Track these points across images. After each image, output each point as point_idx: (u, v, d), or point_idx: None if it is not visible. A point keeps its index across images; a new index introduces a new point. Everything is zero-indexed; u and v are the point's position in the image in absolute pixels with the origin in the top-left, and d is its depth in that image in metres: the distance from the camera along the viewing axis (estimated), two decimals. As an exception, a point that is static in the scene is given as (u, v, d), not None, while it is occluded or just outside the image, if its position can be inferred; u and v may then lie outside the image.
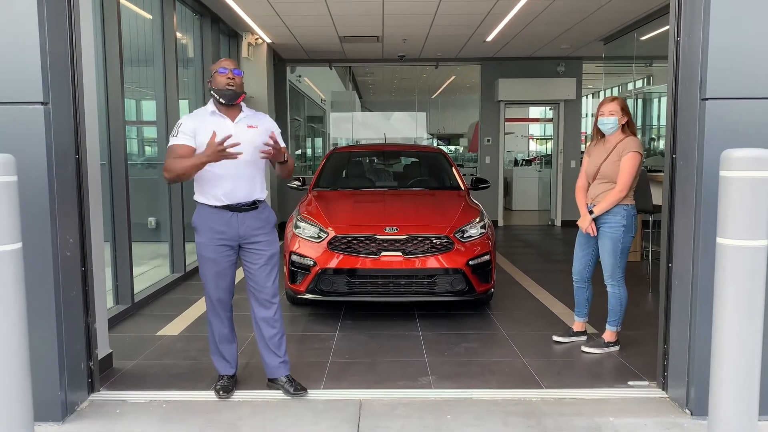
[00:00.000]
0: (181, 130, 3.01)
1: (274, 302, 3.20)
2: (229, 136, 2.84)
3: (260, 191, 3.15)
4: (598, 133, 3.95)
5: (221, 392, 3.19)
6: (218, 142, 2.81)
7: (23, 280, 2.46)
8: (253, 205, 3.11)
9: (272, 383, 3.29)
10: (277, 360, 3.23)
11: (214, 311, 3.21)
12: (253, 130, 3.09)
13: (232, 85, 3.03)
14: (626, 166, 3.74)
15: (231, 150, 2.84)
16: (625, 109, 3.84)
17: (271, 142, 3.00)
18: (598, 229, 3.91)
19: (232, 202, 3.05)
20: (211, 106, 3.10)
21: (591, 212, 3.87)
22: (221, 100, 3.05)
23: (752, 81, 2.82)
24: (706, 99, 2.83)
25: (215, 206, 3.05)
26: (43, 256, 2.83)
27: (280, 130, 3.25)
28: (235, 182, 3.04)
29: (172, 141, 3.01)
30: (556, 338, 4.20)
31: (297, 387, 3.22)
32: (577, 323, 4.19)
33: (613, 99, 3.89)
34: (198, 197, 3.10)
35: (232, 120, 3.08)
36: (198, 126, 3.02)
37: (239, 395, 3.23)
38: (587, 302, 4.12)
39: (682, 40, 2.99)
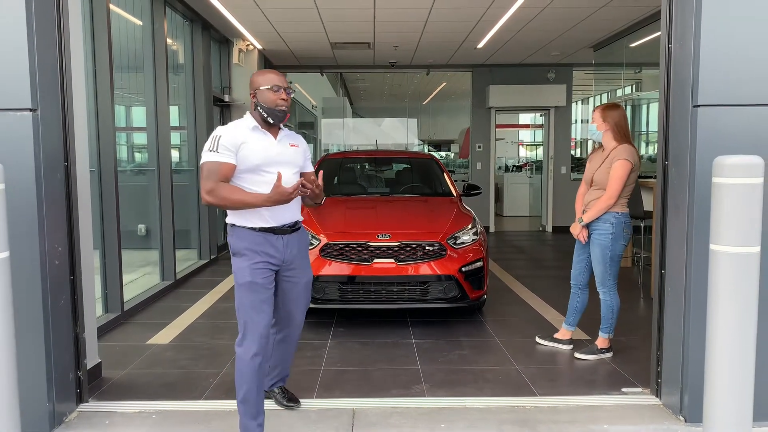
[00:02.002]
0: (222, 143, 2.67)
1: (298, 331, 3.10)
2: (300, 182, 2.67)
3: (299, 212, 2.95)
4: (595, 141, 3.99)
5: None
6: (290, 190, 2.61)
7: (11, 289, 2.42)
8: (295, 227, 2.90)
9: (264, 392, 3.22)
10: (280, 374, 3.16)
11: (255, 355, 2.70)
12: (296, 149, 2.90)
13: (285, 107, 2.79)
14: (615, 174, 3.74)
15: (298, 190, 2.66)
16: (606, 118, 3.84)
17: (310, 185, 2.75)
18: (589, 236, 3.91)
19: (277, 224, 2.79)
20: (251, 121, 2.79)
21: (581, 219, 3.88)
22: (269, 120, 2.78)
23: (744, 88, 2.84)
24: (698, 106, 2.84)
25: (259, 228, 2.76)
26: (31, 265, 2.78)
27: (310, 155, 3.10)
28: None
29: (213, 157, 2.66)
30: (538, 339, 4.24)
31: (290, 398, 3.18)
32: (563, 331, 4.18)
33: (601, 106, 3.92)
34: (235, 219, 2.78)
35: (274, 137, 2.83)
36: (241, 140, 2.71)
37: (229, 405, 3.18)
38: (578, 311, 4.10)
39: (673, 47, 3.01)
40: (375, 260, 4.46)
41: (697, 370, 2.80)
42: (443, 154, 15.52)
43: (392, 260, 4.46)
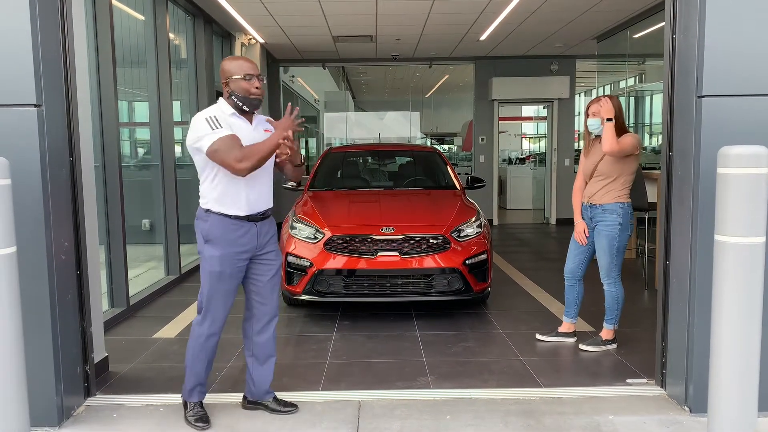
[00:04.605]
0: (222, 121, 2.73)
1: (275, 318, 3.03)
2: (290, 105, 2.79)
3: (271, 200, 2.98)
4: (592, 134, 3.94)
5: (200, 423, 2.88)
6: (287, 114, 2.73)
7: (18, 284, 2.43)
8: (267, 213, 2.94)
9: (252, 404, 3.09)
10: (268, 382, 3.06)
11: (212, 335, 2.89)
12: (269, 135, 2.88)
13: (259, 95, 2.81)
14: (625, 140, 3.70)
15: (297, 124, 2.77)
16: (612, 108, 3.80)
17: (288, 143, 2.77)
18: (594, 228, 3.91)
19: (253, 212, 2.84)
20: (227, 107, 2.82)
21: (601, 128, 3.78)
22: (245, 108, 2.81)
23: (748, 78, 2.83)
24: (703, 96, 2.83)
25: (237, 216, 2.80)
26: (38, 260, 2.80)
27: None
28: (259, 189, 2.86)
29: (221, 132, 2.68)
30: (539, 337, 4.19)
31: (287, 404, 3.07)
32: (566, 324, 4.16)
33: (599, 99, 3.86)
34: (214, 206, 2.79)
35: (250, 123, 2.87)
36: (228, 124, 2.76)
37: (235, 398, 3.20)
38: (577, 302, 4.10)
39: (677, 37, 3.00)
40: (379, 254, 4.46)
41: (702, 361, 2.80)
42: (446, 147, 15.51)
43: (396, 253, 4.47)
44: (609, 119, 3.71)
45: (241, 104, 2.81)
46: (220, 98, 2.87)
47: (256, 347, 3.02)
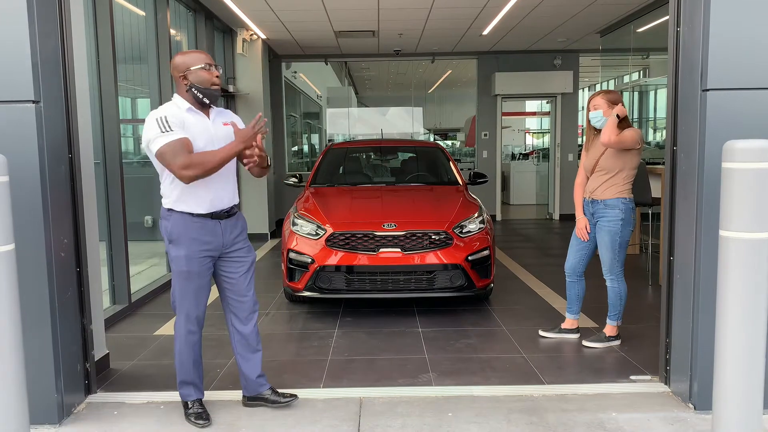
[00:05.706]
0: (171, 122, 2.64)
1: (255, 312, 3.01)
2: (260, 116, 2.73)
3: (236, 195, 2.95)
4: (593, 128, 3.91)
5: (200, 420, 2.89)
6: (252, 125, 2.68)
7: (17, 281, 2.42)
8: (231, 212, 2.89)
9: (252, 400, 3.07)
10: (256, 373, 3.03)
11: (190, 332, 2.90)
12: (228, 128, 2.82)
13: (219, 85, 2.77)
14: (626, 134, 3.68)
15: (262, 129, 2.71)
16: (612, 102, 3.77)
17: (257, 150, 2.76)
18: (596, 224, 3.88)
19: (216, 209, 2.80)
20: (183, 102, 2.76)
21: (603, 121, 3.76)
22: (205, 100, 2.76)
23: (754, 71, 2.80)
24: (707, 90, 2.80)
25: (199, 214, 2.77)
26: (37, 257, 2.79)
27: None
28: (222, 187, 2.82)
29: (171, 136, 2.60)
30: (542, 333, 4.17)
31: (286, 395, 3.07)
32: (569, 320, 4.15)
33: (600, 92, 3.83)
34: (176, 205, 2.76)
35: (208, 117, 2.82)
36: (183, 120, 2.70)
37: (235, 395, 3.19)
38: (579, 298, 4.08)
39: (682, 30, 2.96)
40: (381, 250, 4.44)
41: (707, 358, 2.77)
42: (449, 142, 15.46)
43: (398, 249, 4.45)
44: (617, 116, 3.69)
45: (202, 96, 2.74)
46: (175, 94, 2.80)
47: (240, 343, 3.01)
